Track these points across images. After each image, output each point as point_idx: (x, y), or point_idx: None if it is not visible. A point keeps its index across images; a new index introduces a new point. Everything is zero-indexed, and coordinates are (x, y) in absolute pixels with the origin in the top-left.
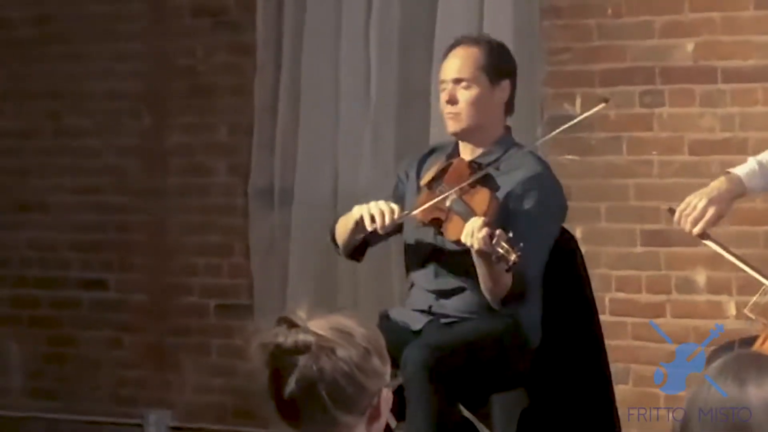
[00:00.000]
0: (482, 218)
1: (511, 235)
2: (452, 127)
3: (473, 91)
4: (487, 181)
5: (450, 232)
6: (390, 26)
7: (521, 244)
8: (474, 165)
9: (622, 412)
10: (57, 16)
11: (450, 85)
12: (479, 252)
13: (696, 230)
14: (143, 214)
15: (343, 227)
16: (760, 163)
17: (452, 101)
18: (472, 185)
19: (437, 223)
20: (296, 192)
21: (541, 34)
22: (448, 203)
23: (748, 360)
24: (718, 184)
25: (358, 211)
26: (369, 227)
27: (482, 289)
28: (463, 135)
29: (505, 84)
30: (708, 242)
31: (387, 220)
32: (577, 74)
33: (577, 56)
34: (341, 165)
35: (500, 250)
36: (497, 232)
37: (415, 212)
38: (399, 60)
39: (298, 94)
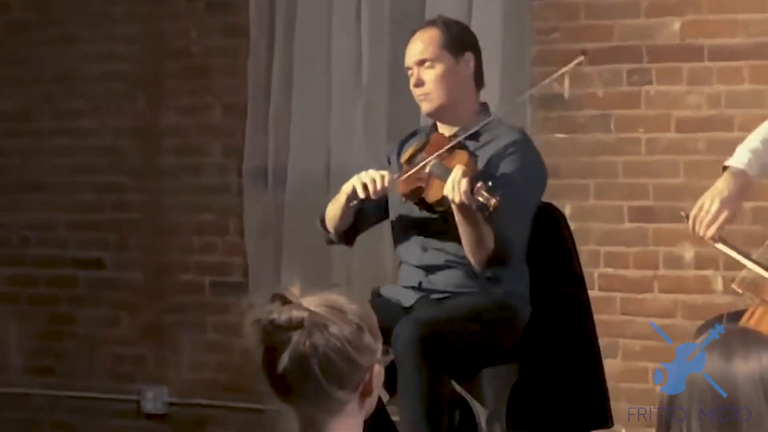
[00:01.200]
0: (462, 168)
1: (490, 183)
2: (426, 107)
3: (438, 69)
4: (465, 146)
5: (431, 194)
6: (381, 8)
7: (500, 192)
8: (452, 137)
9: (610, 385)
10: (53, 1)
11: (415, 69)
12: (461, 206)
13: (709, 233)
14: (139, 193)
15: (334, 208)
16: (753, 151)
17: (419, 83)
18: (450, 151)
19: (419, 192)
20: (289, 172)
21: (530, 13)
22: (428, 169)
23: (736, 335)
24: (725, 183)
25: (348, 185)
26: (362, 194)
27: (466, 252)
28: (437, 114)
29: (468, 56)
30: (720, 245)
31: (378, 186)
32: (565, 53)
33: (565, 35)
34: (333, 145)
35: (480, 199)
36: (478, 183)
37: (402, 177)
38: (390, 42)
39: (290, 76)
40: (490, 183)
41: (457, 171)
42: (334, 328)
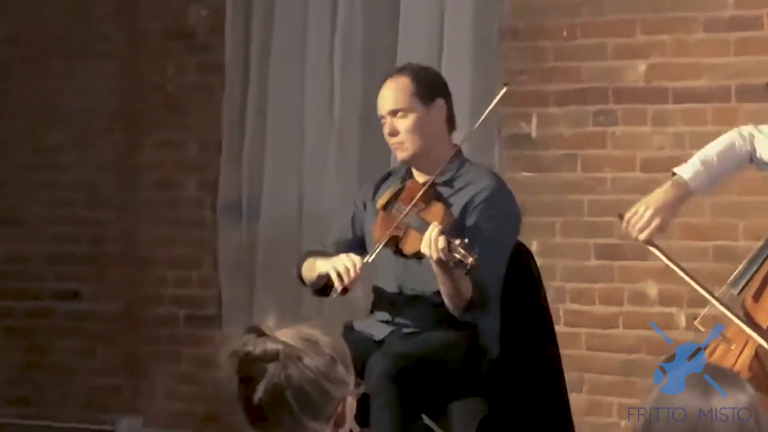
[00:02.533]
0: (438, 227)
1: (467, 241)
2: (400, 156)
3: (410, 118)
4: (441, 197)
5: (408, 246)
6: (353, 49)
7: (477, 249)
8: (427, 186)
9: (576, 419)
10: (34, 36)
11: (388, 118)
12: (438, 261)
13: (642, 237)
14: (116, 227)
15: (309, 272)
16: (704, 162)
17: (393, 133)
18: (427, 203)
19: (395, 241)
20: (263, 207)
21: (499, 55)
22: (405, 221)
23: (712, 372)
24: (663, 191)
25: (324, 265)
26: (339, 287)
27: (444, 299)
28: (412, 161)
29: (440, 102)
30: (652, 248)
31: (353, 276)
32: (533, 94)
33: (534, 77)
34: (306, 181)
35: (457, 255)
36: (455, 240)
37: (371, 258)
38: (362, 81)
39: (265, 113)
40: (467, 240)
41: (433, 228)
42: (308, 360)
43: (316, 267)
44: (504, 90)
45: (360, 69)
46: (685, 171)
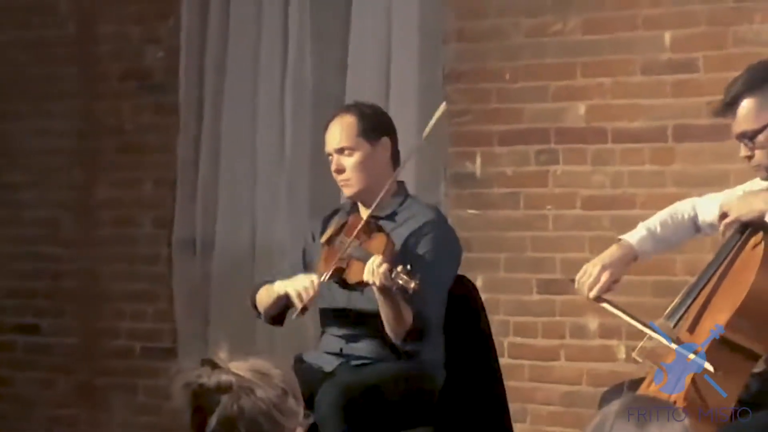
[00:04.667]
0: (380, 256)
1: (408, 267)
2: (347, 192)
3: (356, 157)
4: (383, 230)
5: (352, 275)
6: (303, 90)
7: (419, 275)
8: (370, 219)
9: None
10: None
11: (335, 156)
12: (381, 288)
13: (592, 294)
14: (75, 263)
15: (266, 297)
16: (649, 229)
17: (339, 170)
18: (369, 234)
19: (340, 272)
20: (217, 243)
21: (444, 97)
22: (348, 251)
23: (649, 403)
24: (611, 252)
25: (282, 286)
26: (299, 305)
27: (385, 326)
28: (358, 197)
29: (385, 141)
30: (604, 305)
31: (311, 294)
32: (477, 134)
33: (478, 117)
34: (259, 218)
35: (399, 281)
36: (397, 267)
37: (326, 276)
38: (312, 121)
39: (218, 152)
40: (408, 266)
41: (375, 257)
42: (260, 392)
43: (274, 290)
44: (443, 107)
45: (310, 110)
46: (631, 236)
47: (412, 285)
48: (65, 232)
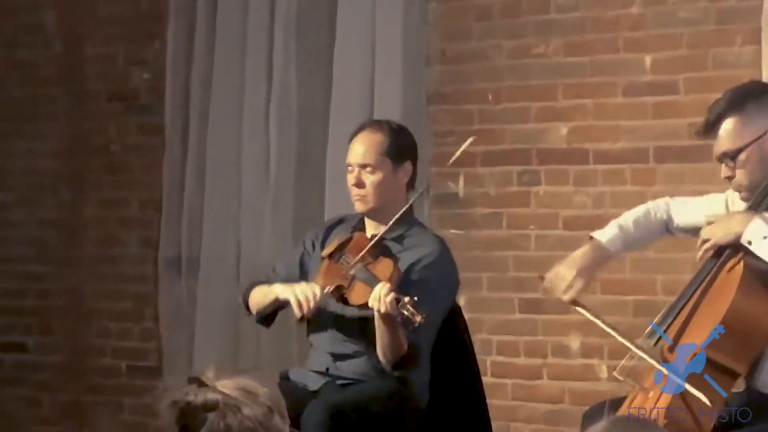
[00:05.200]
0: (388, 284)
1: (416, 299)
2: (360, 207)
3: (378, 176)
4: (390, 253)
5: (354, 297)
6: (288, 110)
7: (425, 309)
8: (378, 240)
9: None
10: None
11: (356, 170)
12: (385, 315)
13: (566, 298)
14: (61, 282)
15: (261, 297)
16: (621, 227)
17: (359, 185)
18: (375, 257)
19: (339, 291)
20: (202, 262)
21: (428, 118)
22: (352, 272)
23: (634, 423)
24: (582, 253)
25: (283, 291)
26: (298, 314)
27: (378, 352)
28: (369, 214)
29: (408, 165)
30: (578, 308)
31: (312, 305)
32: (460, 155)
33: (461, 138)
34: (243, 237)
35: (406, 313)
36: (405, 297)
37: (329, 290)
38: (297, 140)
39: (203, 172)
40: (416, 298)
41: (384, 285)
42: (247, 410)
43: (273, 291)
44: (471, 139)
45: (295, 130)
46: (603, 235)
47: (418, 319)
48: (52, 251)
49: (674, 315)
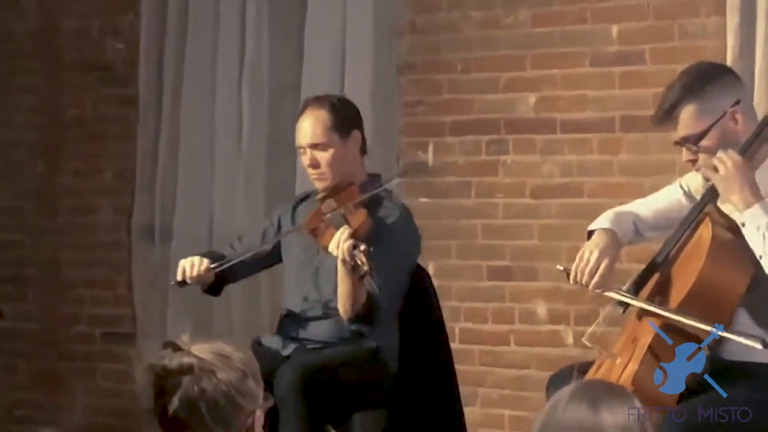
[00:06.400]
0: (348, 229)
1: (371, 249)
2: (321, 185)
3: (330, 152)
4: (367, 207)
5: (323, 240)
6: (260, 82)
7: (378, 263)
8: (364, 198)
9: (470, 431)
10: None
11: (308, 151)
12: (343, 261)
13: (593, 282)
14: (36, 250)
15: None
16: (617, 213)
17: (315, 165)
18: (356, 207)
19: (315, 233)
20: (175, 230)
21: (398, 88)
22: (329, 216)
23: (601, 386)
24: (599, 238)
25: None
26: (179, 277)
27: (338, 301)
28: (330, 189)
29: (356, 134)
30: (608, 293)
31: (195, 273)
32: (429, 125)
33: (430, 108)
34: (216, 205)
35: (357, 260)
36: (361, 245)
37: (286, 233)
38: (269, 111)
39: (177, 142)
40: (371, 249)
41: (344, 230)
42: (221, 373)
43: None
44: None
45: (267, 101)
46: (602, 223)
47: (365, 268)
48: (27, 219)
49: (644, 283)
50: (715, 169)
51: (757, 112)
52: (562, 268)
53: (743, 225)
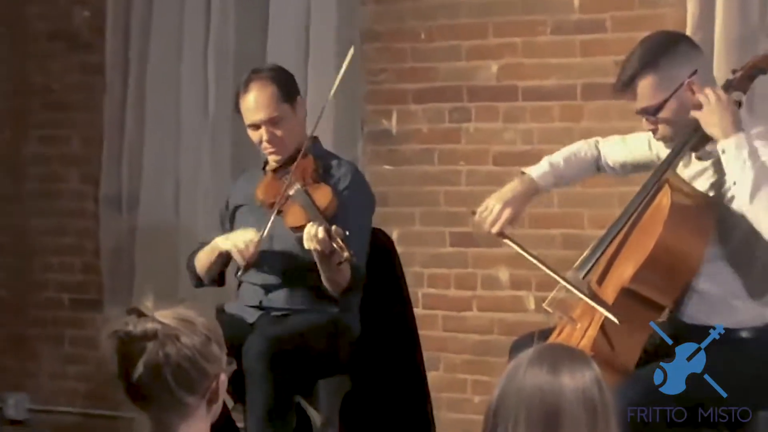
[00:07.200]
0: (317, 223)
1: (347, 233)
2: (276, 158)
3: (283, 125)
4: (326, 181)
5: (290, 219)
6: (226, 50)
7: (352, 244)
8: (318, 167)
9: (433, 395)
10: None
11: (264, 127)
12: (321, 253)
13: (494, 230)
14: (4, 217)
15: (206, 257)
16: (551, 164)
17: (272, 141)
18: (315, 180)
19: (272, 205)
20: (142, 198)
21: (362, 56)
22: (291, 192)
23: (561, 351)
24: (512, 186)
25: (223, 243)
26: (241, 261)
27: (324, 282)
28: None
29: (300, 99)
30: (506, 241)
31: (252, 251)
32: (393, 92)
33: (393, 76)
34: (182, 174)
35: (335, 246)
36: (333, 229)
37: (265, 232)
38: (234, 81)
39: (143, 110)
40: (347, 233)
41: (312, 227)
42: (185, 338)
43: (214, 247)
44: (351, 52)
45: (232, 70)
46: (533, 170)
47: (345, 255)
48: None
49: (603, 248)
50: (700, 106)
51: (717, 79)
52: (471, 212)
53: (723, 152)
